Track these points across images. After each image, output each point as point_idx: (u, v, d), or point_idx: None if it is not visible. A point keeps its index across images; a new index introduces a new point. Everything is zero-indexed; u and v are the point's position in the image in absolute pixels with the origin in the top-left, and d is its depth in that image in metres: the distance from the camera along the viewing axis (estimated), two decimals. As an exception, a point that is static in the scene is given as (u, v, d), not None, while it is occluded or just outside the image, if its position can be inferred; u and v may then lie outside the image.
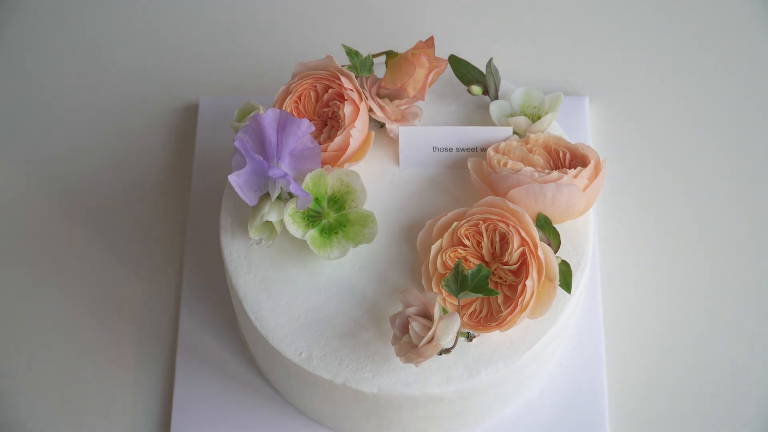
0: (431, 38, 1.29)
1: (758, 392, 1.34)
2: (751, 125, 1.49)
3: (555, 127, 1.32)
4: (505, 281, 1.21)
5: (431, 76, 1.29)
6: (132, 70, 1.54)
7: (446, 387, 1.21)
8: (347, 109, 1.26)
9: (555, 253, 1.22)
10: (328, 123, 1.29)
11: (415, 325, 1.16)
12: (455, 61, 1.32)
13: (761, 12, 1.55)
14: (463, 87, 1.34)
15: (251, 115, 1.23)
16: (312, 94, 1.29)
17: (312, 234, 1.23)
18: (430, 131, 1.29)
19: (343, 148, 1.26)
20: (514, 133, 1.29)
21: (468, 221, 1.22)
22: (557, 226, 1.24)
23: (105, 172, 1.47)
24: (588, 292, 1.37)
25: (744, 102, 1.50)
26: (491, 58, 1.31)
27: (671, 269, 1.40)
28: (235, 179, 1.21)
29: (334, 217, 1.24)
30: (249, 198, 1.23)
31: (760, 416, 1.33)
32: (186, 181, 1.46)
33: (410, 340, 1.17)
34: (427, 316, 1.17)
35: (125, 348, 1.37)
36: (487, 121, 1.32)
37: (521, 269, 1.20)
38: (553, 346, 1.26)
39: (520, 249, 1.19)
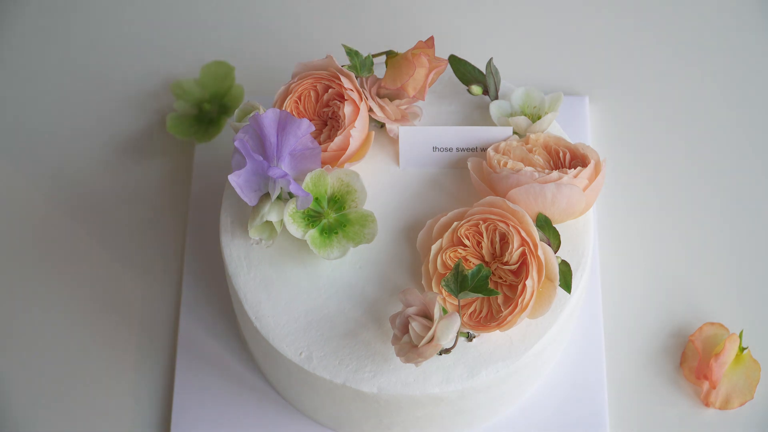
0: (431, 38, 1.29)
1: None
2: (751, 125, 1.49)
3: (555, 127, 1.32)
4: (505, 281, 1.21)
5: (431, 76, 1.29)
6: (133, 69, 1.54)
7: (446, 387, 1.21)
8: (347, 109, 1.26)
9: (555, 253, 1.22)
10: (328, 123, 1.29)
11: (415, 325, 1.16)
12: (455, 61, 1.32)
13: (761, 12, 1.55)
14: (463, 87, 1.34)
15: (251, 115, 1.23)
16: (312, 94, 1.29)
17: (312, 234, 1.23)
18: (430, 131, 1.29)
19: (343, 148, 1.26)
20: (514, 133, 1.29)
21: (468, 221, 1.22)
22: (557, 226, 1.24)
23: (105, 172, 1.47)
24: (588, 292, 1.37)
25: (744, 102, 1.50)
26: (491, 58, 1.31)
27: (671, 269, 1.40)
28: (235, 179, 1.21)
29: (334, 217, 1.24)
30: (249, 198, 1.23)
31: (759, 416, 1.33)
32: (186, 181, 1.46)
33: (410, 340, 1.17)
34: (427, 316, 1.17)
35: (125, 348, 1.37)
36: (487, 121, 1.32)
37: (521, 269, 1.20)
38: (553, 346, 1.26)
39: (520, 249, 1.19)
